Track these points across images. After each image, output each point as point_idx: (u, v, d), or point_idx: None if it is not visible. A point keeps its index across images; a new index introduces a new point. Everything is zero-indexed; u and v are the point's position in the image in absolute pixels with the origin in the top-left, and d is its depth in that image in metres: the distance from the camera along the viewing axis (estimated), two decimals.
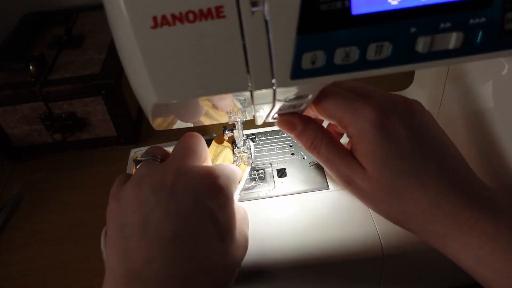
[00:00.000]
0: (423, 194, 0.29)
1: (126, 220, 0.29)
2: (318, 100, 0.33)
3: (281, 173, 0.46)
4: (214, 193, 0.30)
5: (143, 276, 0.26)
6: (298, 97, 0.33)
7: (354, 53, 0.27)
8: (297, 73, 0.28)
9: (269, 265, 0.37)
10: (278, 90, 0.29)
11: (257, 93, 0.29)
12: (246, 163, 0.46)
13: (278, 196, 0.43)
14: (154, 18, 0.25)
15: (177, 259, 0.27)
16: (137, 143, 0.66)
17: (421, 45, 0.27)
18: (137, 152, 0.50)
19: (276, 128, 0.52)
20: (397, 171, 0.29)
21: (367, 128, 0.30)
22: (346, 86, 0.34)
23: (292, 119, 0.35)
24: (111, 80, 0.59)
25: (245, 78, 0.28)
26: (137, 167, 0.33)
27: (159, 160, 0.34)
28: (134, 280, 0.26)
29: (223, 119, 0.39)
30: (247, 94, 0.29)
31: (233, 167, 0.36)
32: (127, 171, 0.48)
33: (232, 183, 0.33)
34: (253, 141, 0.50)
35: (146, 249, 0.27)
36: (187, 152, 0.33)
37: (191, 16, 0.25)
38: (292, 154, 0.48)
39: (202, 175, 0.31)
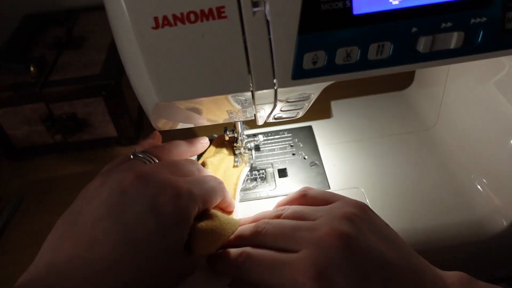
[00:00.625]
0: None
1: (79, 209, 0.29)
2: (240, 270, 0.30)
3: (282, 173, 0.46)
4: (165, 212, 0.28)
5: (63, 269, 0.26)
6: (299, 96, 0.33)
7: (355, 53, 0.27)
8: (299, 73, 0.28)
9: None
10: (280, 90, 0.29)
11: (258, 93, 0.29)
12: (247, 163, 0.46)
13: (279, 196, 0.43)
14: (155, 19, 0.25)
15: (99, 263, 0.26)
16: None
17: (422, 44, 0.27)
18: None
19: (277, 128, 0.52)
20: None
21: None
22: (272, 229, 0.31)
23: None
24: (112, 80, 0.59)
25: (247, 78, 0.28)
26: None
27: (151, 162, 0.33)
28: (53, 273, 0.26)
29: (224, 119, 0.39)
30: (248, 94, 0.29)
31: (214, 185, 0.33)
32: None
33: (199, 203, 0.30)
34: (257, 145, 0.50)
35: (74, 246, 0.27)
36: (169, 164, 0.32)
37: (192, 17, 0.25)
38: (293, 154, 0.48)
39: (160, 188, 0.28)
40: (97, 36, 0.70)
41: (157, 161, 0.33)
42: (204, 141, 0.40)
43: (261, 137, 0.48)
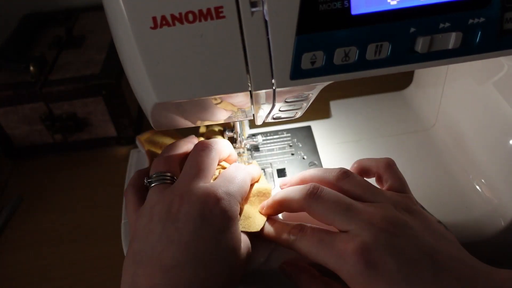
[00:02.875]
0: None
1: (139, 248, 0.31)
2: (297, 246, 0.32)
3: (281, 173, 0.46)
4: (214, 218, 0.31)
5: None
6: (298, 96, 0.33)
7: (354, 53, 0.27)
8: (297, 74, 0.28)
9: (269, 264, 0.37)
10: (278, 90, 0.29)
11: (256, 93, 0.29)
12: (246, 163, 0.46)
13: None
14: (154, 19, 0.25)
15: (178, 287, 0.28)
16: None
17: (421, 45, 0.27)
18: (138, 151, 0.50)
19: (275, 128, 0.52)
20: None
21: (355, 274, 0.28)
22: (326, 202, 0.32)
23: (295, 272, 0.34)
24: (112, 80, 0.59)
25: (245, 78, 0.28)
26: (149, 191, 0.34)
27: (168, 179, 0.35)
28: None
29: (223, 119, 0.39)
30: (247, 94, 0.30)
31: (243, 176, 0.35)
32: (127, 171, 0.48)
33: (238, 198, 0.33)
34: (256, 146, 0.50)
35: (150, 277, 0.29)
36: (196, 172, 0.33)
37: (190, 17, 0.25)
38: (292, 154, 0.48)
39: (203, 201, 0.31)
40: (97, 35, 0.70)
41: (169, 176, 0.35)
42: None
43: (260, 138, 0.48)
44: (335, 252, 0.29)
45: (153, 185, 0.34)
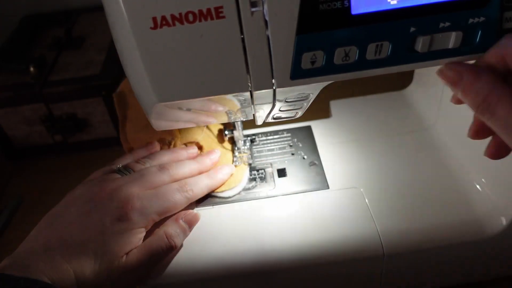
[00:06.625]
0: None
1: (57, 211, 0.37)
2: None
3: (281, 173, 0.46)
4: (120, 220, 0.36)
5: (40, 256, 0.34)
6: (298, 96, 0.33)
7: (354, 52, 0.27)
8: (297, 73, 0.28)
9: (269, 265, 0.37)
10: (278, 90, 0.29)
11: (257, 93, 0.29)
12: (246, 163, 0.46)
13: (278, 196, 0.43)
14: (154, 19, 0.25)
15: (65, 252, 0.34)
16: None
17: (421, 44, 0.27)
18: None
19: (276, 128, 0.52)
20: None
21: None
22: None
23: (459, 67, 0.28)
24: (111, 81, 0.59)
25: (245, 78, 0.28)
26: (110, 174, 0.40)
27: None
28: (29, 254, 0.35)
29: (223, 119, 0.39)
30: (247, 94, 0.30)
31: (176, 199, 0.39)
32: None
33: (153, 215, 0.38)
34: (253, 141, 0.50)
35: (47, 240, 0.35)
36: (138, 176, 0.39)
37: (190, 17, 0.25)
38: (292, 154, 0.48)
39: (121, 202, 0.36)
40: (96, 36, 0.70)
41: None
42: (190, 150, 0.45)
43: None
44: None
45: (114, 171, 0.41)
